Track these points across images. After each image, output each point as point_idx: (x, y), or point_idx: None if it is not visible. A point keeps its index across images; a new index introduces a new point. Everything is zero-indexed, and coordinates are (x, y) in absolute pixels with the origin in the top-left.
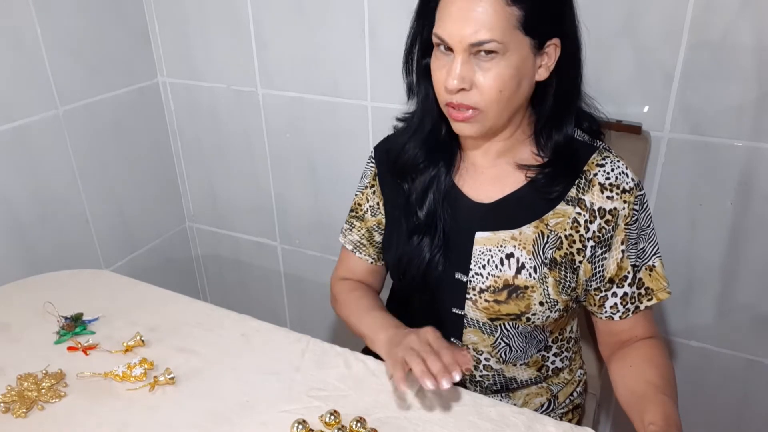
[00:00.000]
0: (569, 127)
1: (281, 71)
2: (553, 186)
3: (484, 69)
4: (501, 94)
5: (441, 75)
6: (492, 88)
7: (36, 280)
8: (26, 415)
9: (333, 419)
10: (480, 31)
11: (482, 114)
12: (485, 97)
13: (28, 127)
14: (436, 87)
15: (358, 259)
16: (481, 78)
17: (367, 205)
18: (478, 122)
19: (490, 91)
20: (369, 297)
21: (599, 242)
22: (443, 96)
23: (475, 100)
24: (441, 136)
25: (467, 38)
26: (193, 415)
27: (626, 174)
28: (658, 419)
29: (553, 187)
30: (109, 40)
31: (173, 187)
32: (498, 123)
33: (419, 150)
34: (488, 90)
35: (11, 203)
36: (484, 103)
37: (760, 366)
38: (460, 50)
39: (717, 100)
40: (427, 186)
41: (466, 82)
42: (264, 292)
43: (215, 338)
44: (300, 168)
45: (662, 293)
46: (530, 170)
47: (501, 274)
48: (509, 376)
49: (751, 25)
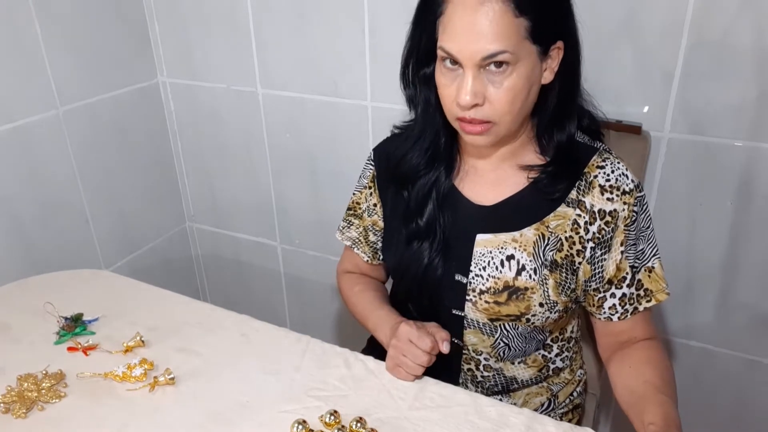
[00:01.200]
0: (572, 126)
1: (281, 71)
2: (555, 185)
3: (495, 82)
4: (513, 105)
5: (451, 91)
6: (504, 100)
7: (36, 280)
8: (26, 416)
9: (333, 419)
10: (491, 43)
11: (496, 126)
12: (498, 110)
13: (28, 127)
14: (445, 102)
15: (357, 254)
16: (492, 91)
17: (364, 205)
18: (492, 134)
19: (502, 104)
20: (371, 290)
21: (599, 243)
22: (454, 111)
23: (488, 113)
24: (442, 143)
25: (478, 53)
26: (193, 415)
27: (626, 175)
28: (658, 419)
29: (556, 186)
30: (109, 41)
31: (173, 187)
32: (510, 131)
33: (420, 159)
34: (501, 103)
35: (11, 203)
36: (497, 115)
37: (760, 366)
38: (470, 65)
39: (717, 100)
40: (427, 193)
41: (479, 97)
42: (264, 292)
43: (215, 338)
44: (300, 168)
45: (661, 294)
46: (533, 170)
47: (501, 276)
48: (510, 376)
49: (751, 25)
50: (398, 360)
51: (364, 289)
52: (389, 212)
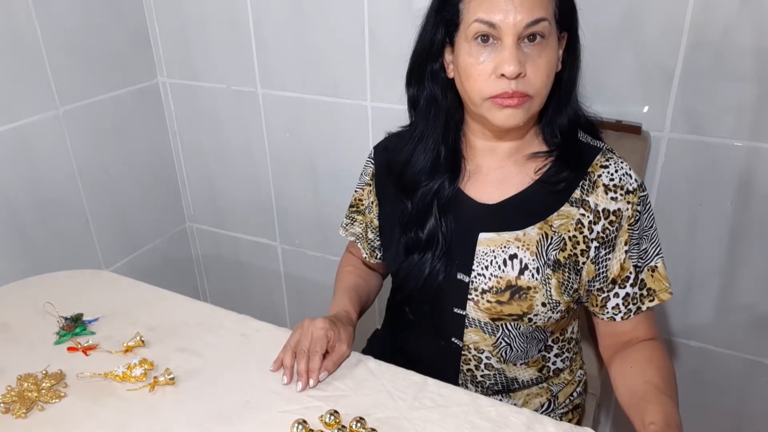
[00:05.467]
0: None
1: (281, 71)
2: (560, 174)
3: (532, 56)
4: (548, 80)
5: (485, 67)
6: (543, 73)
7: (36, 280)
8: (26, 416)
9: (333, 419)
10: (535, 10)
11: (532, 101)
12: (536, 84)
13: (28, 127)
14: (477, 82)
15: (358, 248)
16: (530, 65)
17: (366, 202)
18: (527, 110)
19: (542, 77)
20: (354, 275)
21: (603, 243)
22: (488, 88)
23: (527, 86)
24: (447, 146)
25: (522, 20)
26: (193, 416)
27: (630, 175)
28: (659, 419)
29: (560, 175)
30: (109, 41)
31: (173, 187)
32: (536, 112)
33: (423, 164)
34: (540, 76)
35: (11, 203)
36: (535, 89)
37: (760, 366)
38: (512, 35)
39: (717, 100)
40: (429, 203)
41: (523, 67)
42: (264, 292)
43: (215, 338)
44: (300, 168)
45: (664, 294)
46: (539, 158)
47: (504, 275)
48: (510, 377)
49: (751, 25)
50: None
51: (350, 272)
52: (387, 213)
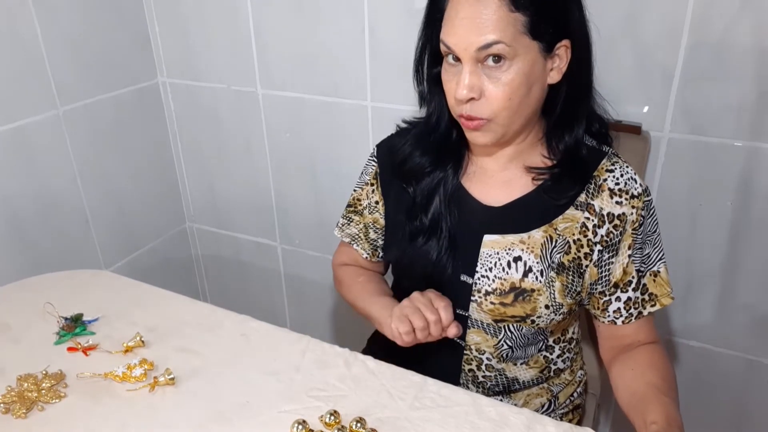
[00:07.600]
0: (580, 129)
1: (281, 71)
2: (560, 191)
3: (493, 78)
4: (510, 102)
5: (451, 86)
6: (501, 96)
7: (36, 280)
8: (26, 416)
9: (333, 419)
10: (486, 34)
11: (492, 123)
12: (494, 106)
13: (28, 127)
14: (449, 99)
15: (356, 250)
16: (490, 87)
17: (366, 202)
18: (491, 131)
19: (498, 100)
20: (374, 281)
21: (606, 246)
22: (455, 108)
23: (484, 109)
24: (451, 140)
25: (474, 44)
26: (193, 416)
27: (635, 180)
28: (660, 419)
29: (561, 191)
30: (109, 41)
31: (173, 187)
32: (511, 130)
33: (427, 156)
34: (497, 98)
35: (11, 203)
36: (492, 112)
37: (760, 366)
38: (467, 58)
39: (717, 100)
40: (433, 189)
41: (475, 91)
42: (264, 292)
43: (215, 338)
44: (300, 168)
45: (666, 299)
46: (539, 173)
47: (508, 277)
48: (511, 377)
49: (751, 25)
50: (407, 311)
51: (368, 280)
52: (393, 208)
